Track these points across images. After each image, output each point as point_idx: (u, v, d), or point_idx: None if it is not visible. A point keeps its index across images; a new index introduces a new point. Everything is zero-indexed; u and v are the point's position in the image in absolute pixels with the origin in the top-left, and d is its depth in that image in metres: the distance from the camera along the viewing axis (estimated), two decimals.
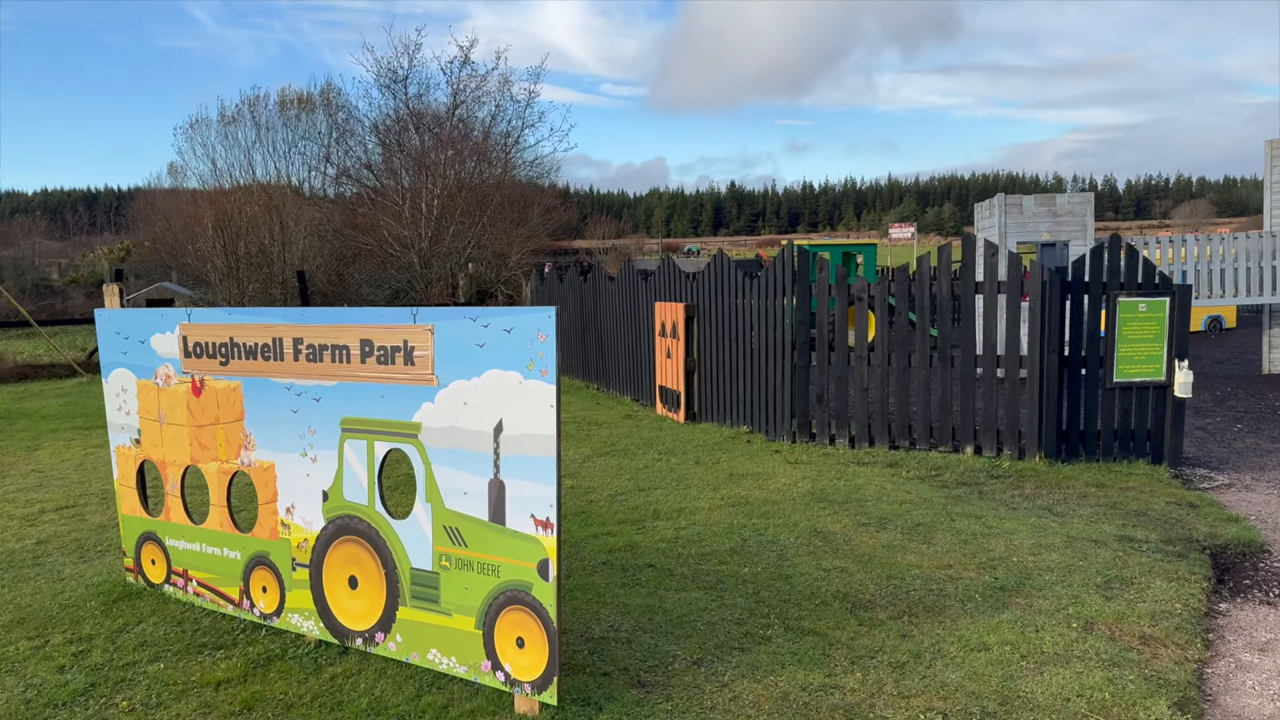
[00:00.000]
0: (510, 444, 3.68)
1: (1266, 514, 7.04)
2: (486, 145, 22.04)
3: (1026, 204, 15.87)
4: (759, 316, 9.61)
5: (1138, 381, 8.23)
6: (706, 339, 10.82)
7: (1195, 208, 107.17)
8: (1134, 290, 8.18)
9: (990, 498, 6.98)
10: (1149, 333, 8.20)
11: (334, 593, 4.33)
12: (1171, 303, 8.17)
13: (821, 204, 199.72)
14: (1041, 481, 7.55)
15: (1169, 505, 6.89)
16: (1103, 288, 8.21)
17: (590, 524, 6.36)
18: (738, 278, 10.09)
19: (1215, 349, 20.02)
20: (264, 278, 23.96)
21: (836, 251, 22.47)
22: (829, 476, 7.64)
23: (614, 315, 13.91)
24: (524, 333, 3.62)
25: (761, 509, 6.66)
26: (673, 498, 7.04)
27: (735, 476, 7.74)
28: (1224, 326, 23.36)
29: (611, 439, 9.59)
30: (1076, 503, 6.87)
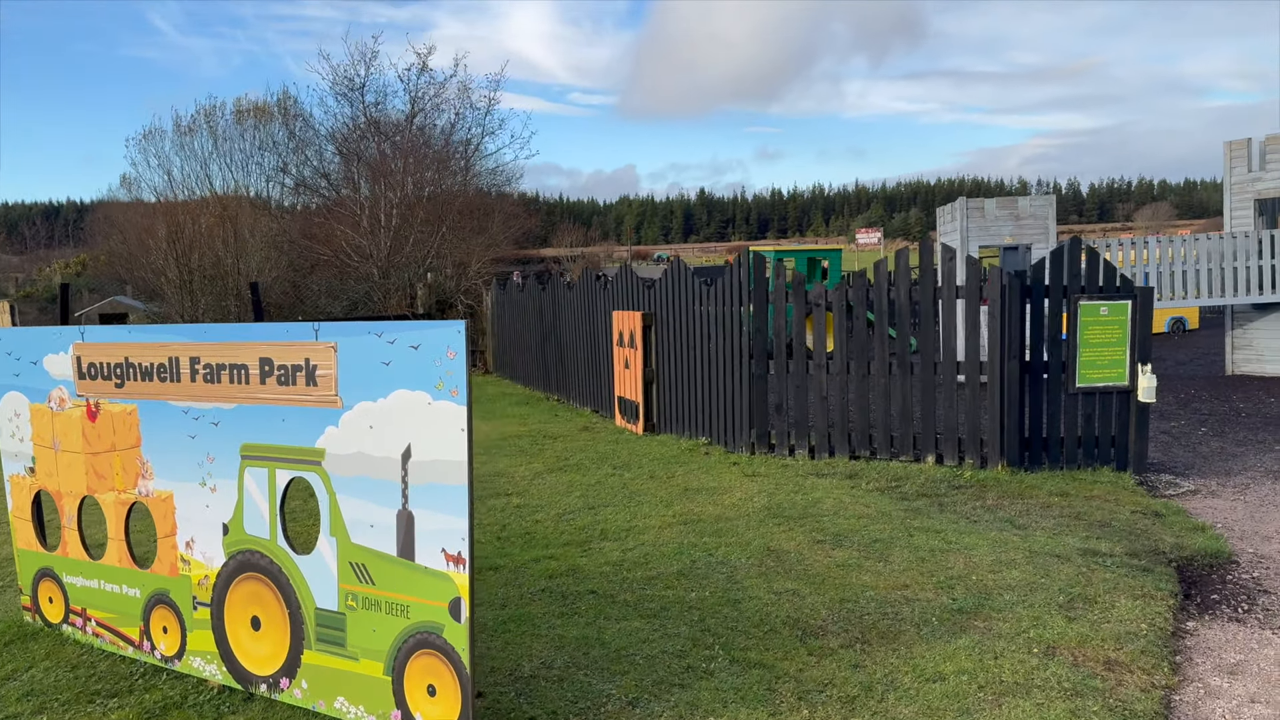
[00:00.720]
0: (419, 471, 3.35)
1: (1233, 521, 6.86)
2: (446, 153, 21.66)
3: (988, 207, 15.75)
4: (716, 325, 9.34)
5: (1101, 386, 8.04)
6: (665, 348, 10.54)
7: (1157, 210, 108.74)
8: (1095, 293, 8.00)
9: (951, 510, 6.74)
10: (1111, 336, 8.02)
11: (236, 634, 3.97)
12: (1133, 305, 7.99)
13: (791, 210, 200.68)
14: (1004, 491, 7.32)
15: (1134, 515, 6.68)
16: (1063, 291, 8.02)
17: (533, 546, 6.04)
18: (695, 285, 9.82)
19: (1179, 350, 20.06)
20: (218, 290, 23.40)
21: (802, 257, 22.30)
22: (786, 490, 7.37)
23: (573, 324, 13.60)
24: (432, 349, 3.30)
25: (714, 526, 6.36)
26: (623, 516, 6.73)
27: (690, 492, 7.45)
28: (1187, 328, 23.45)
29: (565, 453, 9.27)
30: (1039, 514, 6.64)
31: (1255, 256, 15.15)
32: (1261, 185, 15.58)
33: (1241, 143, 16.01)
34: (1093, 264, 8.01)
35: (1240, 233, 15.43)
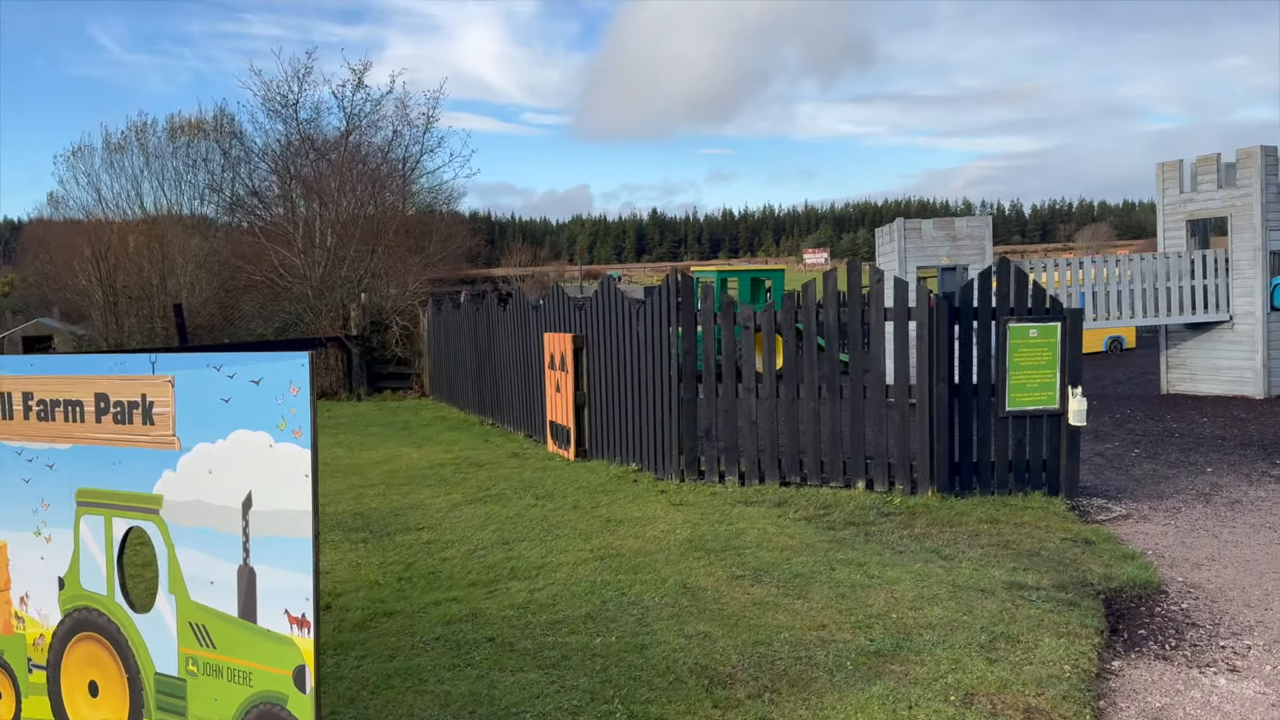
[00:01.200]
0: (261, 522, 3.00)
1: (1164, 547, 6.73)
2: (382, 171, 21.21)
3: (925, 228, 15.75)
4: (646, 347, 9.07)
5: (1031, 410, 7.90)
6: (596, 371, 10.24)
7: (1096, 231, 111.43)
8: (1024, 315, 7.87)
9: (877, 540, 6.51)
10: (1041, 359, 7.89)
11: (74, 701, 3.56)
12: (1063, 327, 7.88)
13: (742, 230, 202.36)
14: (933, 519, 7.12)
15: (1064, 542, 6.51)
16: (992, 313, 7.89)
17: (436, 587, 5.67)
18: (625, 306, 9.55)
19: (1116, 369, 20.29)
20: (145, 313, 22.62)
21: (746, 277, 22.20)
22: (712, 520, 7.09)
23: (506, 346, 13.25)
24: (274, 385, 2.96)
25: (632, 562, 6.05)
26: (538, 551, 6.39)
27: (612, 523, 7.13)
28: (1124, 347, 23.78)
29: (488, 482, 8.90)
30: (967, 543, 6.44)
31: (1188, 277, 15.33)
32: (1193, 206, 15.79)
33: (1173, 164, 16.23)
34: (1021, 285, 7.89)
35: (1173, 253, 15.61)
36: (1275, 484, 8.53)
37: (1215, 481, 8.70)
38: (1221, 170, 15.32)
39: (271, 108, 21.56)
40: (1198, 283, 15.32)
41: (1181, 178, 16.04)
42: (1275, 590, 5.74)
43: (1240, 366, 14.92)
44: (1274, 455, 9.81)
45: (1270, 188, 14.64)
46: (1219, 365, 15.28)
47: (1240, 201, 14.89)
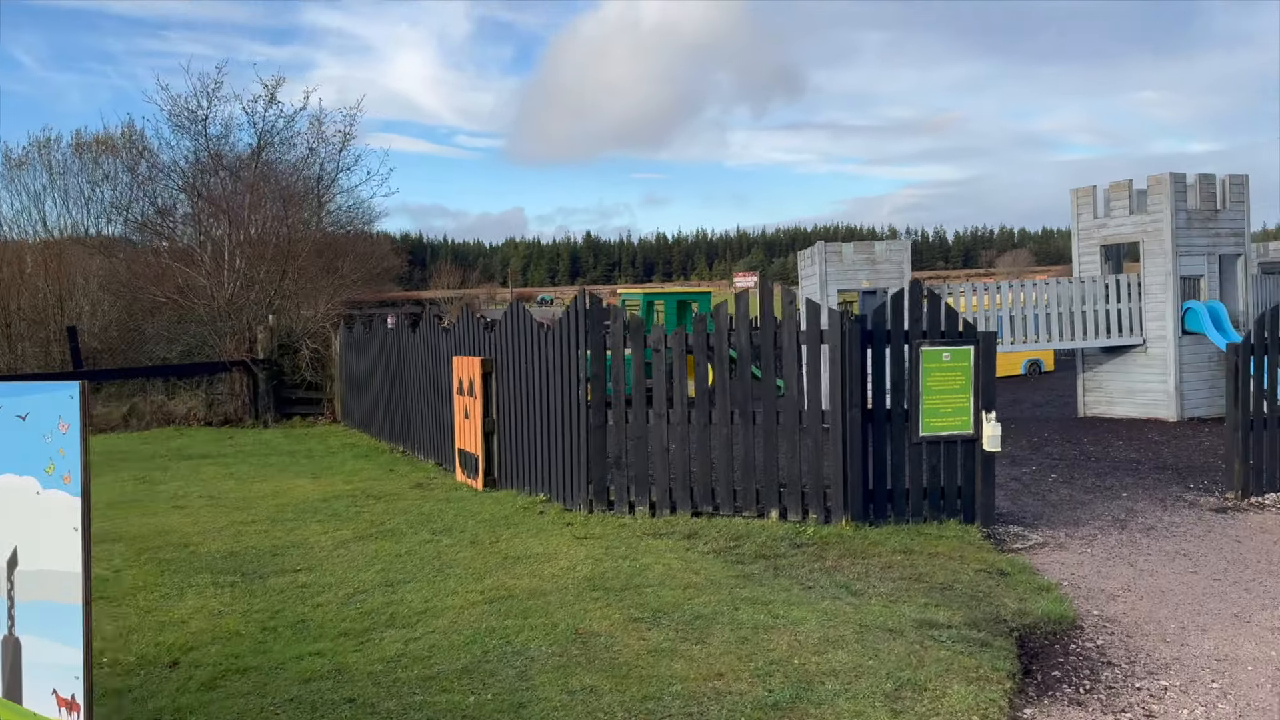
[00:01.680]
0: (27, 584, 2.52)
1: (1079, 577, 6.54)
2: (296, 190, 20.46)
3: (846, 252, 15.71)
4: (555, 371, 8.66)
5: (945, 435, 7.70)
6: (506, 397, 9.79)
7: (1017, 257, 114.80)
8: (937, 339, 7.69)
9: (786, 574, 6.18)
10: (955, 383, 7.71)
11: None
12: (976, 351, 7.72)
13: (675, 254, 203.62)
14: (846, 549, 6.83)
15: (978, 574, 6.27)
16: (905, 336, 7.68)
17: (302, 638, 5.15)
18: (534, 329, 9.14)
19: (1035, 392, 20.51)
20: (43, 336, 21.39)
21: (672, 299, 21.98)
22: (616, 555, 6.68)
23: (417, 371, 12.70)
24: (41, 421, 2.48)
25: (524, 605, 5.61)
26: (423, 594, 5.90)
27: (510, 560, 6.68)
28: (1043, 369, 24.15)
29: (384, 516, 8.36)
30: (879, 576, 6.15)
31: (1102, 301, 15.53)
32: (1107, 231, 16.04)
33: (1087, 190, 16.50)
34: (934, 308, 7.71)
35: (1088, 277, 15.82)
36: (1189, 509, 8.48)
37: (1130, 507, 8.62)
38: (1133, 197, 15.60)
39: (179, 123, 20.68)
40: (1112, 307, 15.53)
41: (1095, 204, 16.30)
42: (1190, 623, 5.57)
43: (1154, 389, 15.13)
44: (1187, 479, 9.81)
45: (1180, 214, 14.93)
46: (1134, 388, 15.48)
47: (1151, 227, 15.16)
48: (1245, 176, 15.60)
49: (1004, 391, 20.72)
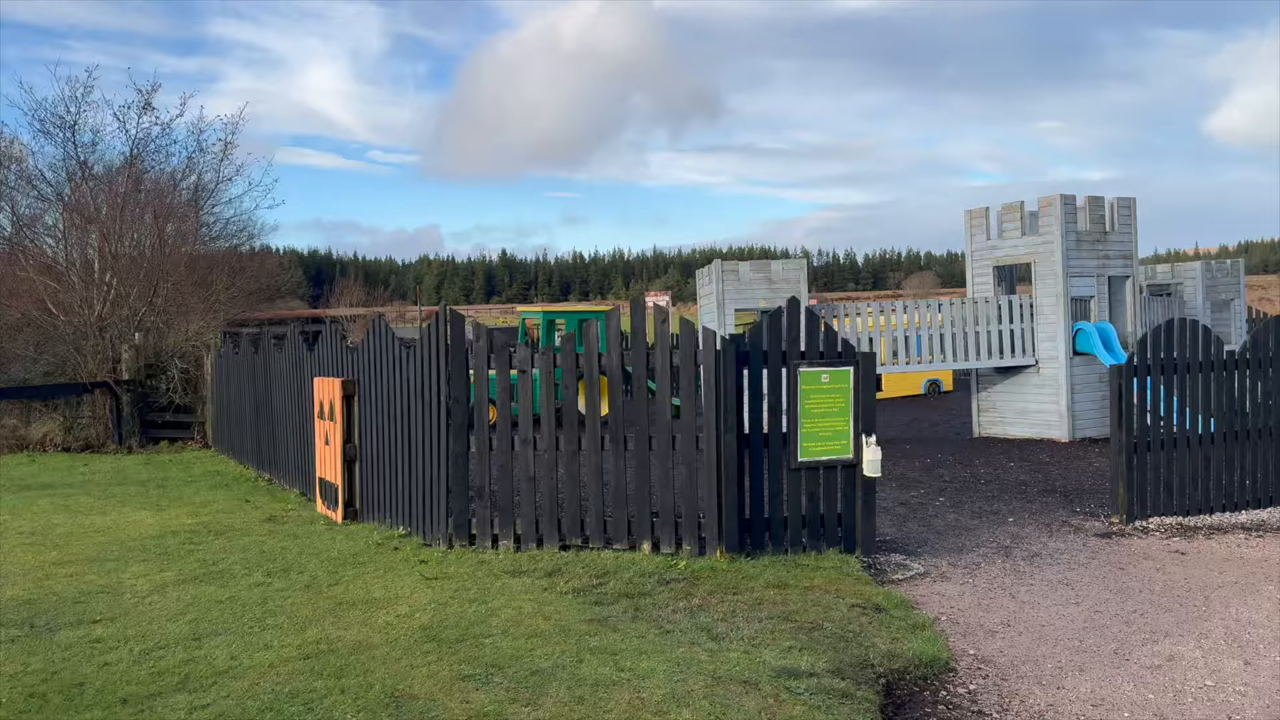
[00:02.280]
0: None
1: (959, 611, 6.19)
2: (172, 201, 19.26)
3: (743, 270, 15.43)
4: (416, 394, 8.01)
5: (824, 460, 7.32)
6: (369, 421, 9.08)
7: (923, 279, 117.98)
8: (816, 360, 7.32)
9: (647, 616, 5.66)
10: (834, 406, 7.34)
11: None
12: (855, 372, 7.37)
13: (592, 273, 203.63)
14: (717, 585, 6.35)
15: (852, 610, 5.86)
16: (782, 357, 7.29)
17: (73, 707, 4.40)
18: (396, 348, 8.47)
19: (934, 411, 20.60)
20: None
21: (573, 318, 21.41)
22: (465, 598, 6.06)
23: (283, 392, 11.85)
24: None
25: (343, 661, 4.95)
26: (232, 649, 5.19)
27: (343, 607, 5.99)
28: (942, 390, 24.37)
29: (219, 555, 7.56)
30: (745, 616, 5.68)
31: (995, 321, 15.57)
32: (999, 253, 16.14)
33: (980, 211, 16.60)
34: (813, 328, 7.34)
35: (981, 298, 15.87)
36: (1073, 534, 8.28)
37: (1016, 533, 8.39)
38: (1025, 218, 15.73)
39: (45, 129, 19.26)
40: (1005, 327, 15.60)
41: (988, 225, 16.40)
42: (1069, 662, 5.24)
43: (1046, 410, 15.20)
44: (1074, 503, 9.68)
45: (1069, 235, 15.08)
46: (1027, 408, 15.54)
47: (1042, 248, 15.28)
48: (1132, 200, 15.90)
49: (904, 411, 20.76)
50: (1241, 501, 8.94)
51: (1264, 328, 9.10)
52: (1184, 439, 8.74)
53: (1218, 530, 8.29)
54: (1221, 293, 20.12)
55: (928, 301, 15.98)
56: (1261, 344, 9.05)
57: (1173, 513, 8.69)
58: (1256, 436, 9.02)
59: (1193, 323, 8.84)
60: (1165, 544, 7.87)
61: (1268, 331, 9.09)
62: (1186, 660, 5.25)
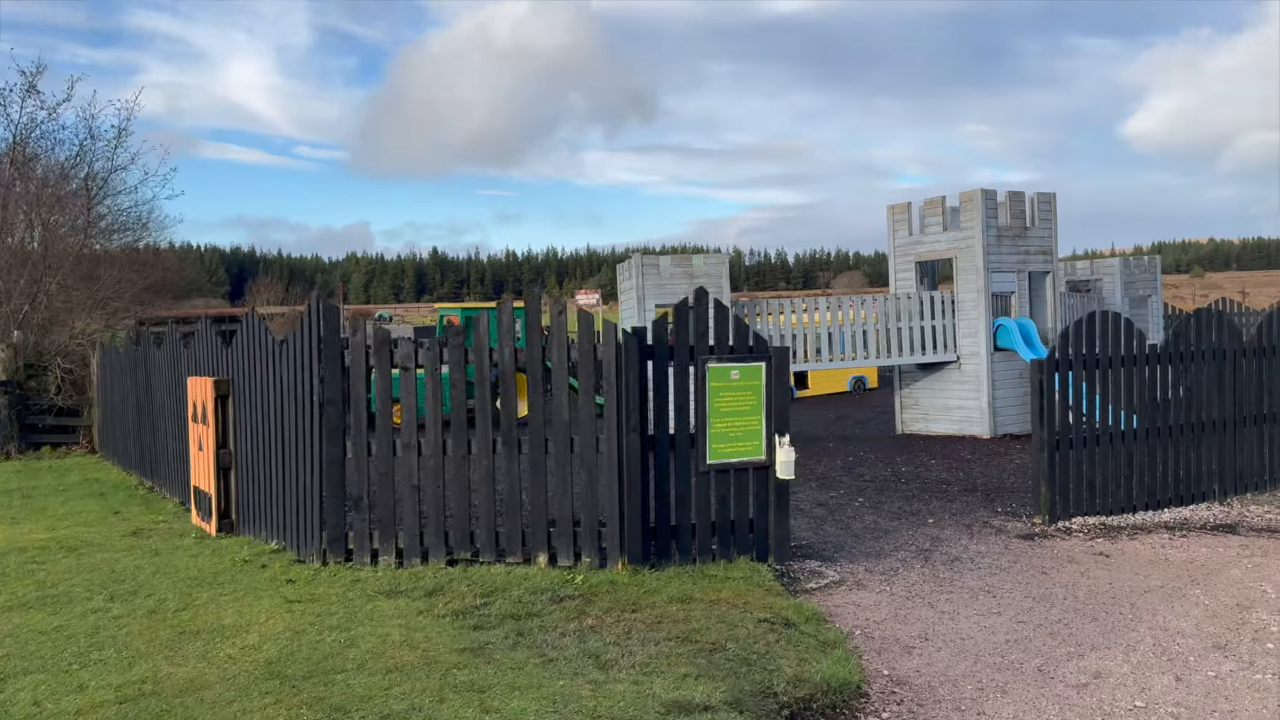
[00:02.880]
0: None
1: (874, 624, 5.73)
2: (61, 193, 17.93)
3: (663, 265, 14.91)
4: (290, 394, 7.27)
5: (735, 462, 6.81)
6: (245, 425, 8.28)
7: (852, 278, 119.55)
8: (725, 355, 6.80)
9: (529, 641, 5.05)
10: (745, 404, 6.83)
11: None
12: (768, 368, 6.87)
13: (526, 271, 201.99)
14: (615, 601, 5.78)
15: (759, 627, 5.34)
16: (690, 352, 6.76)
17: None
18: (270, 344, 7.71)
19: (859, 409, 20.40)
20: None
21: (492, 314, 20.69)
22: (326, 625, 5.38)
23: (163, 393, 10.93)
24: None
25: (164, 706, 4.24)
26: (39, 691, 4.43)
27: (185, 637, 5.26)
28: (867, 387, 24.25)
29: (62, 577, 6.72)
30: (642, 638, 5.12)
31: (918, 317, 15.34)
32: (922, 248, 15.92)
33: (902, 207, 16.38)
34: (722, 321, 6.82)
35: (903, 294, 15.63)
36: (995, 536, 7.93)
37: (937, 535, 8.00)
38: (946, 213, 15.54)
39: None
40: (927, 324, 15.37)
41: (911, 221, 16.18)
42: (990, 682, 4.80)
43: (968, 406, 15.02)
44: (995, 501, 9.36)
45: (990, 230, 14.91)
46: (949, 405, 15.34)
47: (964, 244, 15.09)
48: (1053, 195, 15.82)
49: (829, 409, 20.51)
50: (1165, 499, 8.71)
51: (1185, 321, 8.89)
52: (1107, 435, 8.46)
53: (1141, 530, 8.02)
54: (1139, 289, 20.31)
55: (850, 298, 15.67)
56: (1184, 337, 8.84)
57: (1096, 512, 8.41)
58: (1179, 432, 8.80)
59: (1115, 315, 8.58)
60: (1089, 546, 7.56)
61: (1189, 325, 8.89)
62: (1115, 677, 4.85)
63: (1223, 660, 5.05)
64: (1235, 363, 9.13)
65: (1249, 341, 9.24)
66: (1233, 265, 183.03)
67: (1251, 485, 9.26)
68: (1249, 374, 9.23)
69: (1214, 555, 7.15)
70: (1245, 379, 9.20)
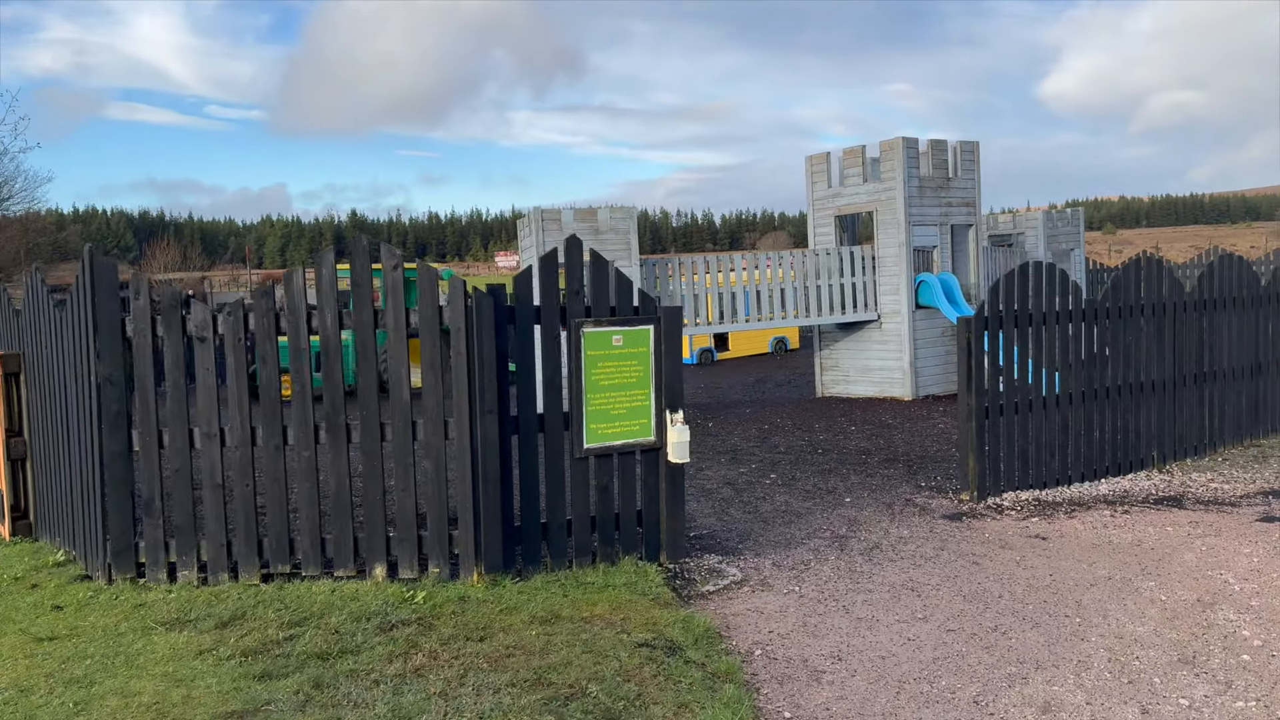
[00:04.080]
0: None
1: (778, 638, 4.70)
2: None
3: (566, 219, 13.63)
4: (72, 372, 5.88)
5: (618, 445, 5.69)
6: (43, 408, 6.84)
7: (777, 239, 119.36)
8: (606, 318, 5.64)
9: (325, 699, 3.87)
10: (629, 376, 5.70)
11: None
12: (657, 333, 5.74)
13: (449, 234, 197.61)
14: (461, 626, 4.63)
15: (635, 656, 4.26)
16: (561, 314, 5.58)
17: None
18: (51, 311, 6.28)
19: (779, 370, 19.55)
20: None
21: None
22: (69, 676, 4.11)
23: None
24: None
25: None
26: None
27: None
28: (789, 347, 23.44)
29: None
30: (478, 685, 3.98)
31: (837, 275, 14.43)
32: (841, 201, 14.97)
33: (821, 157, 15.38)
34: (600, 276, 5.65)
35: (822, 250, 14.69)
36: (919, 516, 7.00)
37: (854, 517, 7.04)
38: (867, 164, 14.60)
39: None
40: (846, 281, 14.47)
41: (830, 172, 15.21)
42: None
43: (889, 367, 14.20)
44: (918, 474, 8.47)
45: (912, 181, 14.02)
46: (870, 366, 14.51)
47: (884, 196, 14.17)
48: (975, 144, 14.99)
49: (749, 371, 19.61)
50: (1102, 469, 7.91)
51: (1126, 270, 8.04)
52: (1040, 400, 7.59)
53: (1080, 506, 7.18)
54: (1062, 242, 19.78)
55: (768, 254, 14.65)
56: (1123, 289, 7.99)
57: (1029, 485, 7.56)
58: (1117, 394, 7.98)
59: (1049, 267, 7.67)
60: (1023, 526, 6.67)
61: (1130, 275, 8.04)
62: (1068, 710, 3.90)
63: (1194, 681, 4.14)
64: (1176, 317, 8.35)
65: (1190, 294, 8.46)
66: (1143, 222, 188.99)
67: (1191, 450, 8.54)
68: (1191, 330, 8.47)
69: (1162, 536, 6.33)
70: (1186, 335, 8.44)
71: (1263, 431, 9.27)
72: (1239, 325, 8.90)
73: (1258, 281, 9.06)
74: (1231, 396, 8.89)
